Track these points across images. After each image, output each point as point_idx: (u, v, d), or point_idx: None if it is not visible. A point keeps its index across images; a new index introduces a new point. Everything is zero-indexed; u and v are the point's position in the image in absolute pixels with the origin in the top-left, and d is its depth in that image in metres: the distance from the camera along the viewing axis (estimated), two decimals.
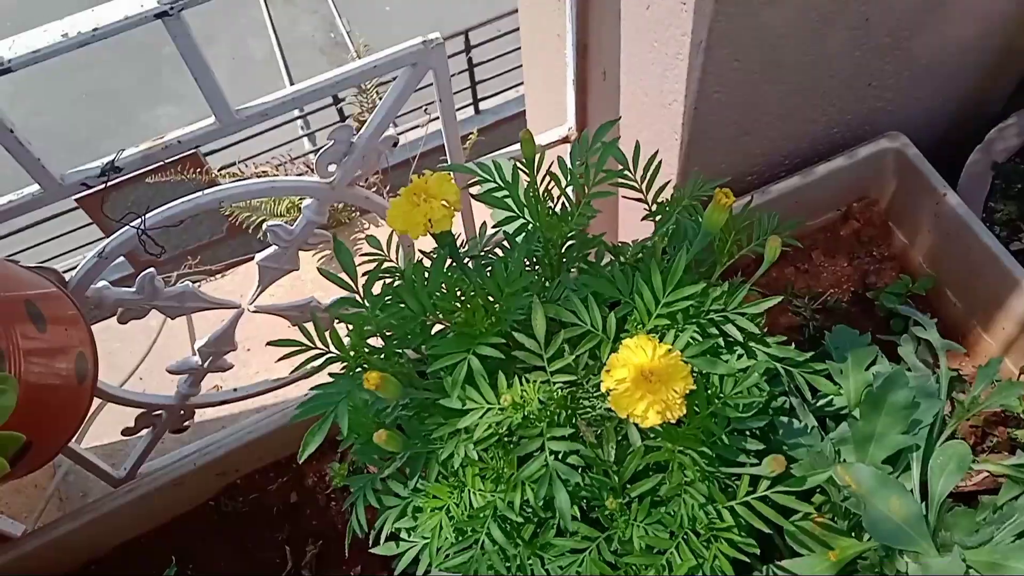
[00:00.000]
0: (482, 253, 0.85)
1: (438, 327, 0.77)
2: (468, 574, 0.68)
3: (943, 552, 0.76)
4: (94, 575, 1.07)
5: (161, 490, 1.03)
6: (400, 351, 0.74)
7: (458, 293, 0.72)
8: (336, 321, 0.79)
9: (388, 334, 0.74)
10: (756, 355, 0.72)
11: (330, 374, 0.72)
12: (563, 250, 0.80)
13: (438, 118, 1.27)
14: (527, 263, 0.76)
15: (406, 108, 1.23)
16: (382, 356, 0.74)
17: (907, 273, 1.20)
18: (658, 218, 0.79)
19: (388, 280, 0.75)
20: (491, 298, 0.70)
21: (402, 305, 0.72)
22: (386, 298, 0.73)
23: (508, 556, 0.68)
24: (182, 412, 1.42)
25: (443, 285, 0.72)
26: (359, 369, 0.72)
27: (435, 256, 0.76)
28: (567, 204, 0.80)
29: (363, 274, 0.77)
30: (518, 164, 0.82)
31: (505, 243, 0.84)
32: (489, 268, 0.79)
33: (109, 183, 1.09)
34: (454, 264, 0.76)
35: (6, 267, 0.96)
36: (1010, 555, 0.74)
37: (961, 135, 1.28)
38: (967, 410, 0.93)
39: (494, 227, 0.89)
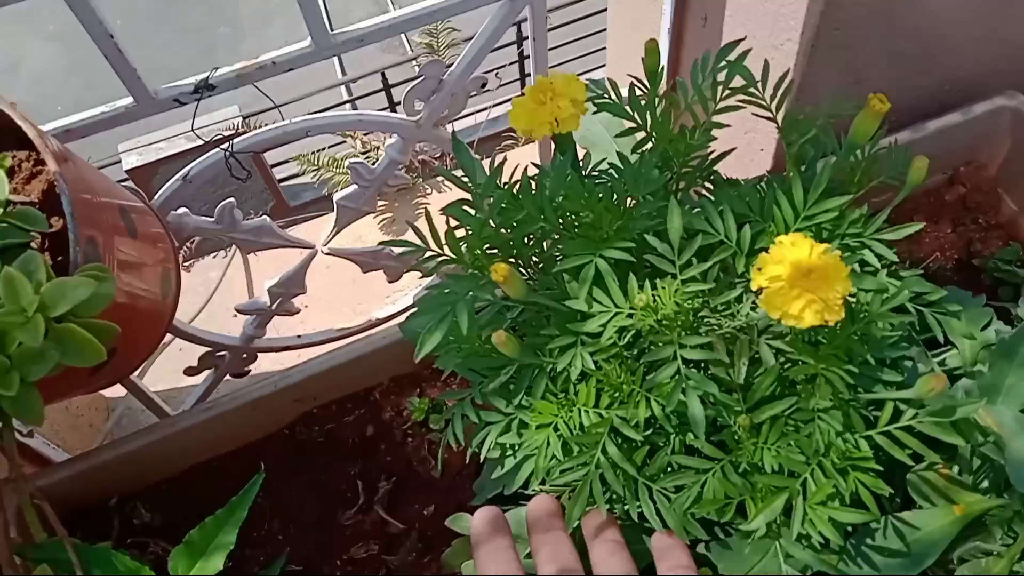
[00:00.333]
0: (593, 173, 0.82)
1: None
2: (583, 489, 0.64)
3: None
4: (165, 494, 1.05)
5: (237, 412, 1.01)
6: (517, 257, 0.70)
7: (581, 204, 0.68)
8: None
9: (504, 238, 0.70)
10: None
11: (448, 275, 0.69)
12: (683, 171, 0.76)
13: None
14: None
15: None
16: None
17: (1018, 242, 1.14)
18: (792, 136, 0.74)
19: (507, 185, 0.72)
20: (618, 203, 0.67)
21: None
22: (504, 203, 0.70)
23: (626, 476, 0.64)
24: (244, 355, 1.41)
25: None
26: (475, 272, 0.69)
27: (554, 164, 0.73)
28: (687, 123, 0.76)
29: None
30: (634, 80, 0.78)
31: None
32: (605, 180, 0.75)
33: (202, 99, 1.08)
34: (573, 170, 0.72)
35: (103, 176, 0.95)
36: None
37: None
38: None
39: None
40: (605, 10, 1.61)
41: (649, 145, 0.76)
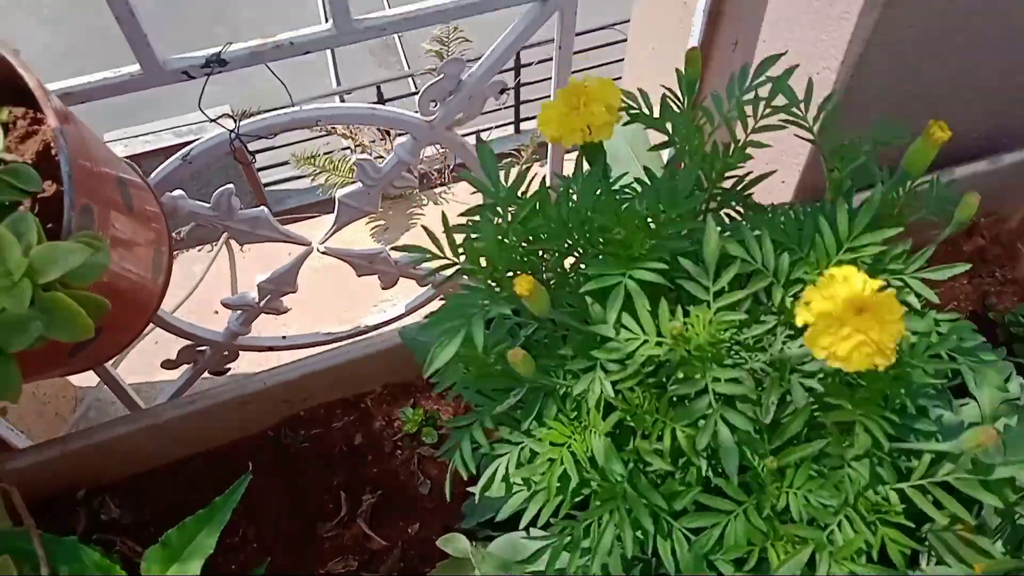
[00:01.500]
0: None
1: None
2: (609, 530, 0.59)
3: None
4: (136, 490, 1.00)
5: (221, 408, 0.96)
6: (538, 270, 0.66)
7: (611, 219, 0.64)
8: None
9: (525, 251, 0.66)
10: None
11: (464, 286, 0.65)
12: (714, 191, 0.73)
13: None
14: None
15: None
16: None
17: None
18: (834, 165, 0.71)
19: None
20: (650, 221, 0.63)
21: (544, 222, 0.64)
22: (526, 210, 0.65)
23: (653, 510, 0.60)
24: (226, 352, 1.35)
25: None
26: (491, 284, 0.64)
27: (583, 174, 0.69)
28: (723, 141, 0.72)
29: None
30: (668, 92, 0.75)
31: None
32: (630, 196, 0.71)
33: (212, 75, 1.03)
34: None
35: (103, 143, 0.90)
36: None
37: None
38: None
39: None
40: (615, 25, 1.58)
41: (682, 161, 0.72)
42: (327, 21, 0.99)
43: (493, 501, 0.77)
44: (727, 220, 0.73)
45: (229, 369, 1.41)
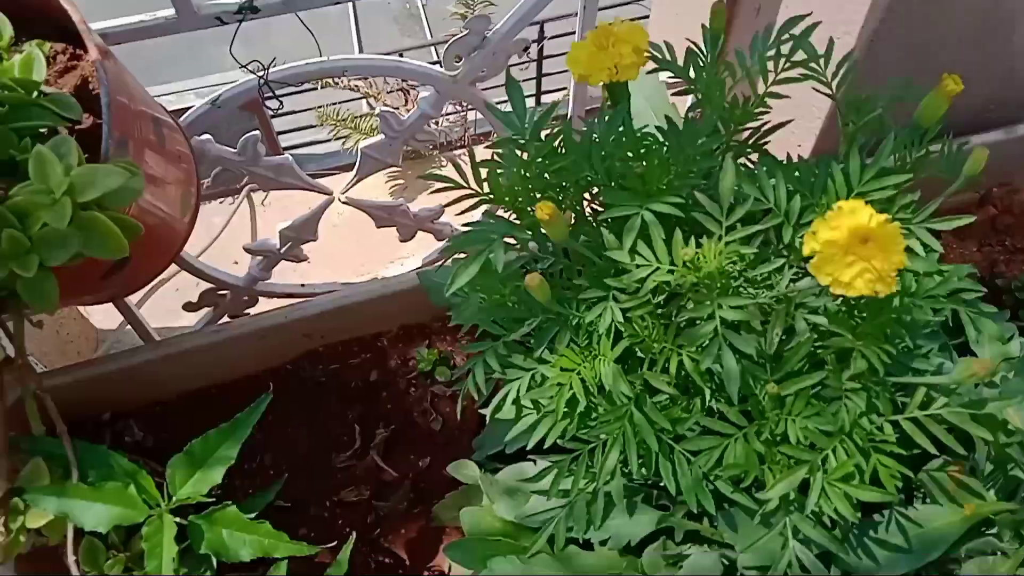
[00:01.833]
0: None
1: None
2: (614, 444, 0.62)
3: None
4: (159, 415, 1.04)
5: (244, 339, 1.00)
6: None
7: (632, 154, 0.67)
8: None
9: (547, 184, 0.69)
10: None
11: (486, 213, 0.68)
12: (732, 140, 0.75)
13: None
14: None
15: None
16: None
17: None
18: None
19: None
20: (670, 157, 0.65)
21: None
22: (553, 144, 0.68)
23: (659, 431, 0.63)
24: (246, 297, 1.39)
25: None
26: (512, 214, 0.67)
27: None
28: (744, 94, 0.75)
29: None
30: (692, 44, 0.77)
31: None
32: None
33: (244, 21, 1.06)
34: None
35: (141, 86, 0.93)
36: None
37: None
38: None
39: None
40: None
41: (702, 111, 0.74)
42: None
43: (503, 435, 0.81)
44: (744, 169, 0.76)
45: (248, 315, 1.45)
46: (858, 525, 0.72)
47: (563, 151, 0.67)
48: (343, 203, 1.33)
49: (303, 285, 1.44)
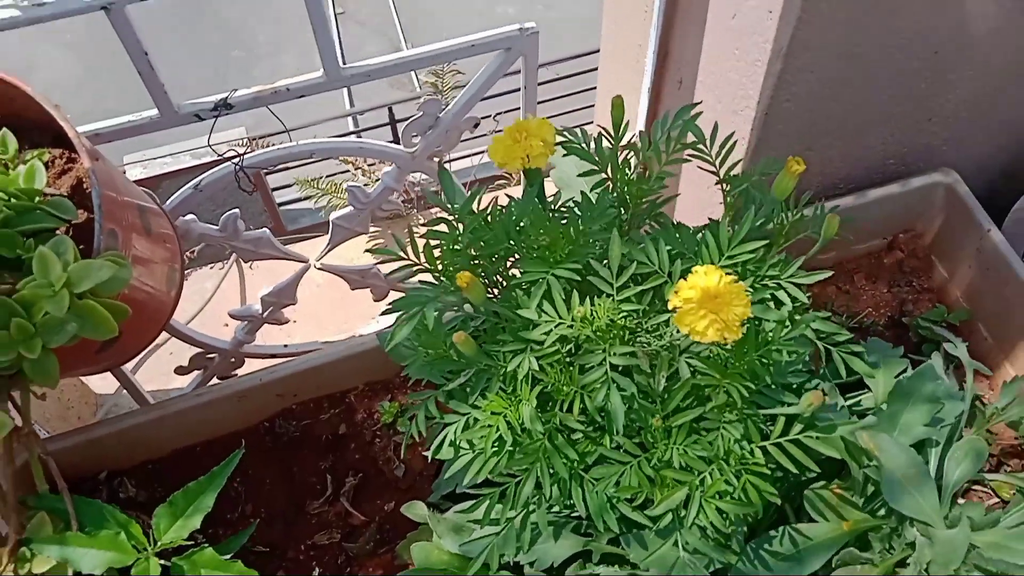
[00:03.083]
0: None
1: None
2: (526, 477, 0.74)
3: (951, 527, 0.81)
4: (150, 472, 1.14)
5: (225, 400, 1.11)
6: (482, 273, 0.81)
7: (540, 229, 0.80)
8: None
9: (473, 255, 0.81)
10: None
11: (421, 281, 0.80)
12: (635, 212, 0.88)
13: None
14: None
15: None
16: None
17: (944, 305, 1.26)
18: (727, 187, 0.86)
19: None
20: (572, 231, 0.78)
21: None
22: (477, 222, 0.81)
23: (568, 462, 0.75)
24: (233, 359, 1.51)
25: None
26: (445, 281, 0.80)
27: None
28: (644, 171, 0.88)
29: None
30: (603, 130, 0.90)
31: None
32: (566, 214, 0.87)
33: (219, 117, 1.19)
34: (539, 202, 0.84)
35: (126, 177, 1.07)
36: (1016, 539, 0.79)
37: (1010, 185, 1.35)
38: (987, 419, 0.98)
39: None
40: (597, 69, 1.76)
41: (608, 186, 0.87)
42: (320, 69, 1.15)
43: (455, 476, 0.92)
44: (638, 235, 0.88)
45: (236, 376, 1.56)
46: (756, 539, 0.84)
47: (486, 228, 0.80)
48: (318, 269, 1.46)
49: (286, 346, 1.55)
